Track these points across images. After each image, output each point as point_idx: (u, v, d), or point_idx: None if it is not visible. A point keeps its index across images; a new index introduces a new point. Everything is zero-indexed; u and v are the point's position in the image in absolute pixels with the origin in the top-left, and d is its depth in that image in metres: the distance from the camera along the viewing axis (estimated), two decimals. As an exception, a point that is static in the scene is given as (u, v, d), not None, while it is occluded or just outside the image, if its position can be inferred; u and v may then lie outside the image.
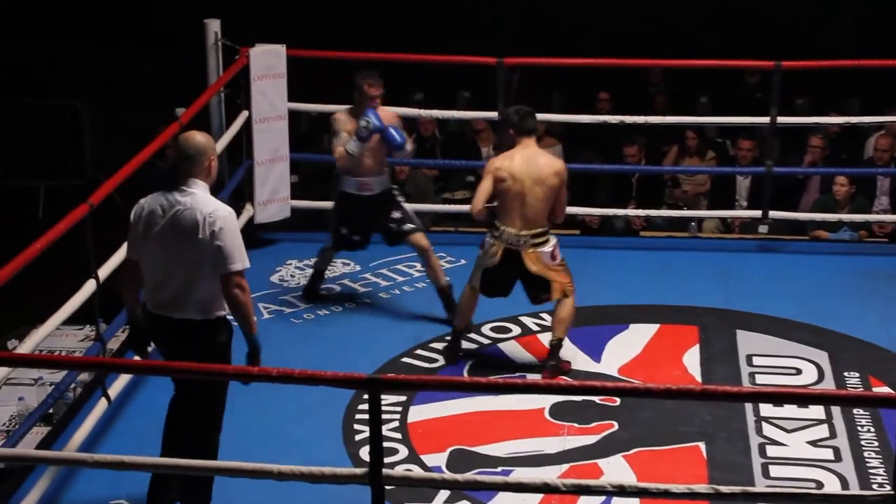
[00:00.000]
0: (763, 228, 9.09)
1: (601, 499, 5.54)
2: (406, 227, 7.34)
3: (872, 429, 6.22)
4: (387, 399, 6.28)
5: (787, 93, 8.90)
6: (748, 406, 6.36)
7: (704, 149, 10.31)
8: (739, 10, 11.94)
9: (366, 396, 4.68)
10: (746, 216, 9.23)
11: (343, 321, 7.45)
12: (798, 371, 6.84)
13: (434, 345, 7.10)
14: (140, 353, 5.55)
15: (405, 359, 6.96)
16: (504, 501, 5.57)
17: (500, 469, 5.92)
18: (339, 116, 7.31)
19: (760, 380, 6.76)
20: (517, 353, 7.03)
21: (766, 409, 6.36)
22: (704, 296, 7.71)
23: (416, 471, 5.80)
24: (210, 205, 5.21)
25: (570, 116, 8.90)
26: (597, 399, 6.41)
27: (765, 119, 8.37)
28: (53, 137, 11.85)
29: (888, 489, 4.83)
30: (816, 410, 6.35)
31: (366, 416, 4.65)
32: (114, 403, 6.23)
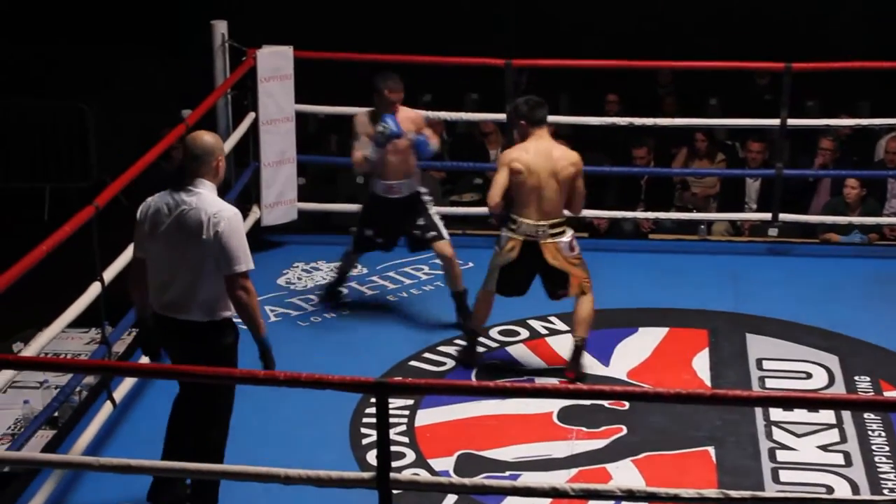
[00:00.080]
0: (773, 231, 9.07)
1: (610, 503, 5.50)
2: (429, 235, 7.21)
3: (883, 433, 6.18)
4: (394, 403, 6.26)
5: (798, 94, 8.85)
6: (758, 410, 6.33)
7: (714, 151, 10.28)
8: (740, 11, 11.93)
9: (373, 400, 4.64)
10: (756, 219, 9.19)
11: (350, 324, 7.41)
12: (808, 375, 6.80)
13: (442, 348, 7.07)
14: (148, 354, 5.53)
15: (413, 362, 6.93)
16: (512, 506, 5.55)
17: (508, 473, 5.89)
18: (359, 119, 7.16)
19: (770, 384, 6.72)
20: (525, 357, 6.99)
21: (776, 414, 6.33)
22: (714, 299, 7.67)
23: (424, 475, 5.78)
24: (215, 205, 5.18)
25: (579, 118, 8.87)
26: (605, 403, 6.38)
27: (775, 121, 8.32)
28: (59, 139, 11.85)
29: (900, 494, 4.81)
30: (827, 415, 6.32)
31: (373, 420, 4.61)
32: (119, 407, 6.21)
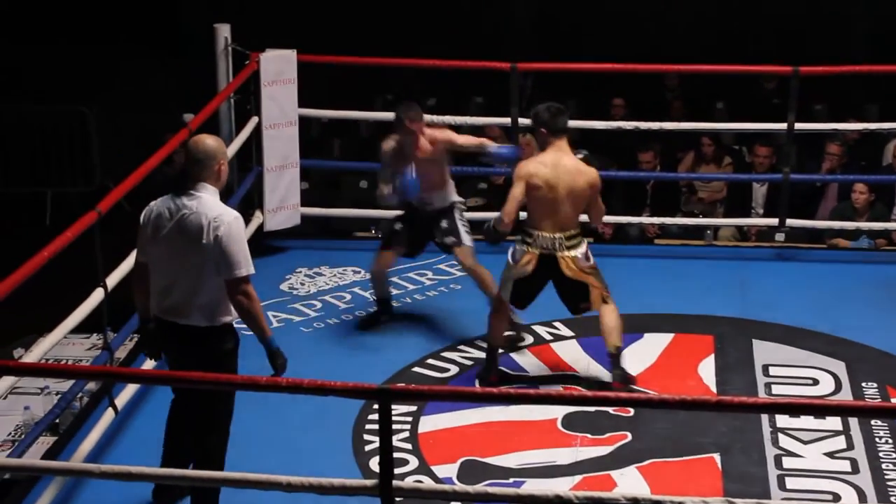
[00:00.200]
0: (780, 237, 9.04)
1: (615, 511, 5.46)
2: (447, 241, 7.13)
3: (890, 440, 6.15)
4: (397, 409, 6.22)
5: (805, 99, 8.81)
6: (764, 417, 6.29)
7: (721, 155, 10.24)
8: (742, 11, 11.91)
9: (376, 407, 4.61)
10: (763, 224, 9.14)
11: (353, 330, 7.39)
12: (815, 381, 6.77)
13: (445, 354, 7.04)
14: (151, 357, 5.51)
15: (416, 368, 6.90)
16: (516, 513, 5.51)
17: (512, 480, 5.86)
18: (386, 148, 7.08)
19: (776, 390, 6.69)
20: (529, 363, 6.95)
21: (783, 420, 6.29)
22: (720, 305, 7.64)
23: (427, 482, 5.75)
24: (216, 209, 5.16)
25: (585, 122, 8.82)
26: (610, 409, 6.34)
27: (782, 125, 8.29)
28: (60, 143, 11.83)
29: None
30: (833, 421, 6.28)
31: (376, 427, 4.59)
32: (121, 413, 6.19)
